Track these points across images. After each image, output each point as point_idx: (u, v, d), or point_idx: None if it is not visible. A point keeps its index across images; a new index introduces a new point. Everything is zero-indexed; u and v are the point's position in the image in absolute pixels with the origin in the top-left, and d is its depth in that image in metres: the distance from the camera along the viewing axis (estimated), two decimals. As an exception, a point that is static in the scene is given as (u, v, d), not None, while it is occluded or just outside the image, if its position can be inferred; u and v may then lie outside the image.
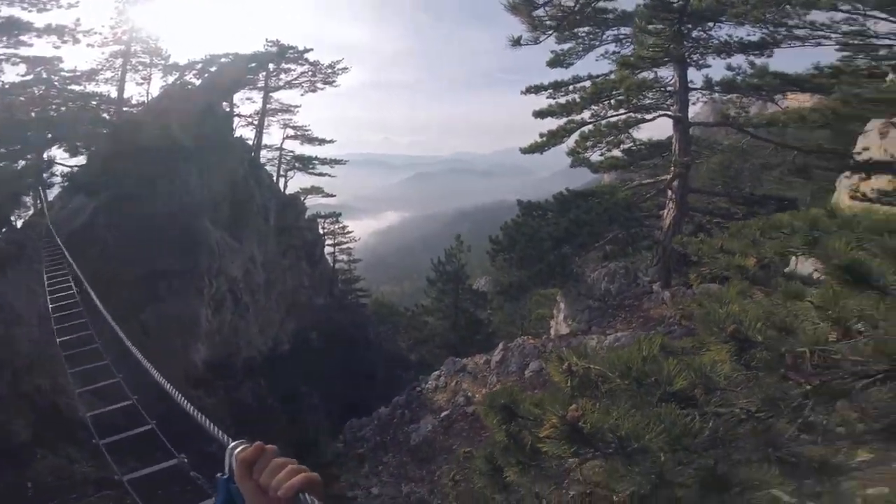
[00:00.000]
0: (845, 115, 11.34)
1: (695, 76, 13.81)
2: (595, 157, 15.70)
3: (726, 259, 3.35)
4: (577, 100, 14.52)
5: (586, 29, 14.59)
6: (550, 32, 12.50)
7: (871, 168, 10.11)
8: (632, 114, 14.69)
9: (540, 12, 11.45)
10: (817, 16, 11.53)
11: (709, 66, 14.12)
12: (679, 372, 2.18)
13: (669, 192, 13.66)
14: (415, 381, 14.27)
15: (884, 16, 10.67)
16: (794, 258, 3.43)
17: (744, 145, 14.54)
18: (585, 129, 14.80)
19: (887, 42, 11.66)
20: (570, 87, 15.21)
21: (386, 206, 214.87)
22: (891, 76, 11.24)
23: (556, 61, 15.26)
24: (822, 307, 2.12)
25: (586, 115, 14.87)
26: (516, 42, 11.97)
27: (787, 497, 2.36)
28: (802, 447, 2.25)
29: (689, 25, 13.16)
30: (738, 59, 13.04)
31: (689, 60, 13.70)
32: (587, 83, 14.76)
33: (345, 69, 27.57)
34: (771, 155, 13.36)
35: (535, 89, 15.40)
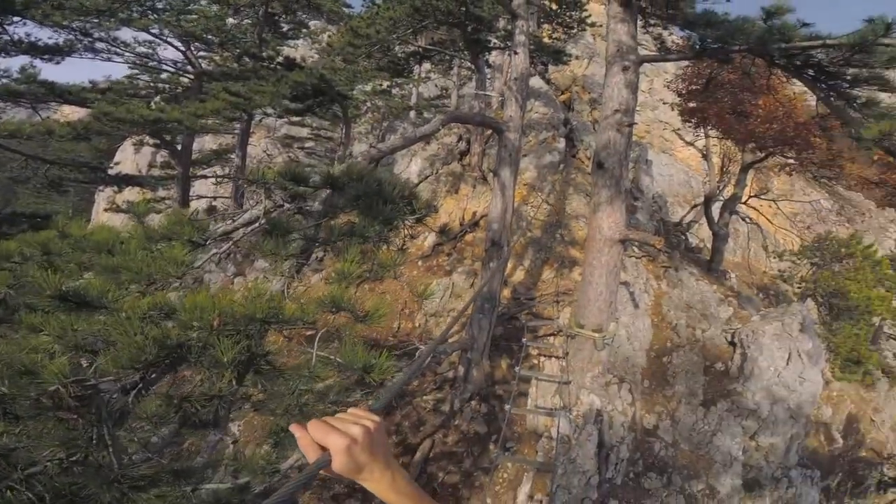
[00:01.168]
0: (95, 129, 12.12)
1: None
2: None
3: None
4: None
5: None
6: None
7: (123, 181, 11.55)
8: None
9: None
10: (123, 33, 12.06)
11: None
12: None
13: None
14: None
15: (177, 44, 12.38)
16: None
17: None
18: None
19: (168, 68, 13.60)
20: None
21: None
22: (157, 98, 12.86)
23: None
24: (60, 336, 2.12)
25: None
26: None
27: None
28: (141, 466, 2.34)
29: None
30: (23, 61, 11.35)
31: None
32: None
33: None
34: (22, 168, 12.12)
35: None
